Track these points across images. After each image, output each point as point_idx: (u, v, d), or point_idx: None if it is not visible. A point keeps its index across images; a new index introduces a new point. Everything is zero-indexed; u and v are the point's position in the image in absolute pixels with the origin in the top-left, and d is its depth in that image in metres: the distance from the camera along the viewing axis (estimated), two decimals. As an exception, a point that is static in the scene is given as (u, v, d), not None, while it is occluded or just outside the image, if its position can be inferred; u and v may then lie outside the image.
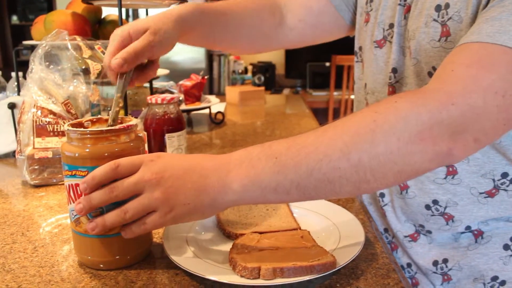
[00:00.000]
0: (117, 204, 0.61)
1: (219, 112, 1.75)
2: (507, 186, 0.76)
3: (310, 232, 0.74)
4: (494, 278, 0.79)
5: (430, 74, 0.73)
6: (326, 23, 0.97)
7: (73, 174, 0.64)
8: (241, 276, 0.62)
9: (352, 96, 3.31)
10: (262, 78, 4.33)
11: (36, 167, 1.04)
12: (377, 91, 0.86)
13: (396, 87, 0.81)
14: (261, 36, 0.96)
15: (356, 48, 0.95)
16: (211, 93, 3.57)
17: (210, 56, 3.81)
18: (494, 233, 0.79)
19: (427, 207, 0.81)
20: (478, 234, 0.80)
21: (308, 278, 0.61)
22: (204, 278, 0.63)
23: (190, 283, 0.65)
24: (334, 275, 0.66)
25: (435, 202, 0.80)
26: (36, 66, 1.07)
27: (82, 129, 0.65)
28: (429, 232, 0.83)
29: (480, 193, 0.77)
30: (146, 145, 1.10)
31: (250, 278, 0.61)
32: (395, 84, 0.81)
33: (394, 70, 0.81)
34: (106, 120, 0.71)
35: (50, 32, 1.11)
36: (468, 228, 0.80)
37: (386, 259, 0.71)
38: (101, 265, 0.68)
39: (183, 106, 1.67)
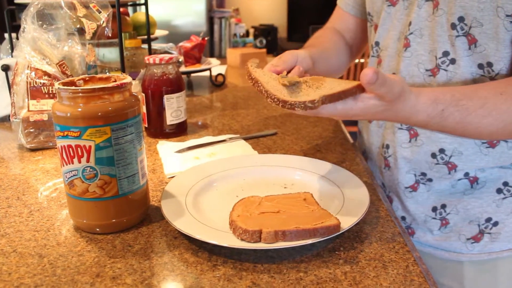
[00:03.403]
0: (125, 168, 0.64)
1: (219, 74, 1.71)
2: None
3: (313, 194, 0.72)
4: (488, 220, 0.85)
5: (453, 26, 0.77)
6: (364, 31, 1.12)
7: (65, 135, 0.61)
8: (242, 240, 0.60)
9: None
10: (264, 41, 4.25)
11: (31, 130, 1.01)
12: (390, 46, 0.91)
13: (410, 38, 0.85)
14: (344, 62, 1.16)
15: (367, 13, 1.01)
16: (212, 56, 3.51)
17: (211, 19, 3.73)
18: (488, 179, 0.84)
19: (433, 155, 0.85)
20: (474, 180, 0.84)
21: (311, 242, 0.59)
22: (203, 242, 0.61)
23: (189, 247, 0.63)
24: (337, 239, 0.65)
25: (442, 151, 0.84)
26: (29, 25, 1.02)
27: (73, 87, 0.61)
28: (430, 180, 0.87)
29: (483, 143, 0.81)
30: (144, 107, 1.07)
31: (251, 242, 0.59)
32: (410, 36, 0.85)
33: (410, 23, 0.85)
34: (100, 79, 0.68)
35: (43, -10, 1.06)
36: (466, 174, 0.84)
37: (392, 223, 0.69)
38: (97, 229, 0.66)
39: (183, 68, 1.63)
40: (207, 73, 1.73)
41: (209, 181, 0.80)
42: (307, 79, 0.67)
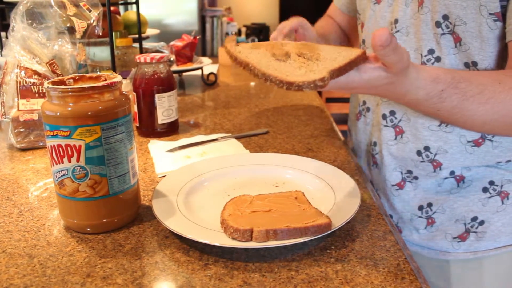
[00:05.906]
0: (116, 167, 0.64)
1: (211, 73, 1.70)
2: (492, 136, 0.80)
3: (304, 193, 0.72)
4: (474, 219, 0.85)
5: (437, 24, 0.77)
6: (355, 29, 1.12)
7: (54, 134, 0.61)
8: (233, 239, 0.60)
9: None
10: (256, 40, 4.25)
11: (21, 129, 1.00)
12: None
13: (397, 36, 0.84)
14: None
15: (356, 11, 1.01)
16: (203, 55, 3.50)
17: (202, 18, 3.72)
18: (474, 178, 0.84)
19: (418, 153, 0.85)
20: (460, 179, 0.84)
21: (302, 240, 0.59)
22: (194, 241, 0.61)
23: (180, 246, 0.63)
24: (329, 237, 0.65)
25: (427, 148, 0.84)
26: (18, 24, 1.01)
27: (63, 86, 0.61)
28: (416, 178, 0.88)
29: (468, 141, 0.81)
30: (135, 106, 1.06)
31: (242, 241, 0.59)
32: (396, 33, 0.84)
33: (396, 21, 0.84)
34: (90, 78, 0.68)
35: (32, -11, 1.05)
36: (452, 173, 0.84)
37: (383, 221, 0.70)
38: (88, 229, 0.66)
39: (175, 67, 1.62)
40: (198, 72, 1.73)
41: (201, 180, 0.79)
42: (302, 50, 0.61)
